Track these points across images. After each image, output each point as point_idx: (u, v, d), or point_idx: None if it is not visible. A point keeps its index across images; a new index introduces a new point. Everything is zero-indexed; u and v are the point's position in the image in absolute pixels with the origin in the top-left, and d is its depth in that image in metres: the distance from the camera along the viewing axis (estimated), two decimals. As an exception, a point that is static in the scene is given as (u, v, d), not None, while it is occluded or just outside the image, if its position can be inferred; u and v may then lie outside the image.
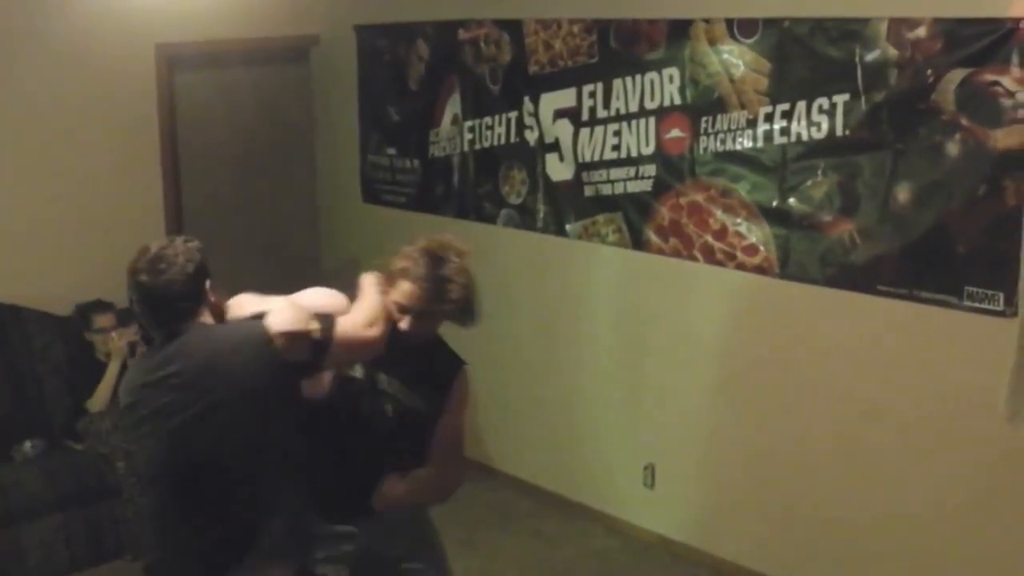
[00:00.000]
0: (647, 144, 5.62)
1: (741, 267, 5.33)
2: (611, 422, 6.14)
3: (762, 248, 5.22)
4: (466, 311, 3.70)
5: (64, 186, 6.66)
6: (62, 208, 6.66)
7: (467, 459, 4.02)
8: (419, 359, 3.71)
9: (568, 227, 6.13)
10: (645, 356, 5.91)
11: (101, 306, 6.43)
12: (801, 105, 4.97)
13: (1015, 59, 4.28)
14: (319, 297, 3.64)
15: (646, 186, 5.67)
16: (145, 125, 7.01)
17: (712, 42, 5.28)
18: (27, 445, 6.07)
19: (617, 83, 5.72)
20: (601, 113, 5.82)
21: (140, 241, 6.84)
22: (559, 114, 6.05)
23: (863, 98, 4.75)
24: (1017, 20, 4.26)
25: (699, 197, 5.44)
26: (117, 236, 6.85)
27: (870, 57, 4.71)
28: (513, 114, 6.31)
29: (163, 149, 7.12)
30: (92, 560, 5.75)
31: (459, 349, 3.94)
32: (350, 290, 3.64)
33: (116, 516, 5.79)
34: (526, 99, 6.22)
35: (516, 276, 6.53)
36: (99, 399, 6.07)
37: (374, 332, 3.47)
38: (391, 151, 7.22)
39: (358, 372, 3.67)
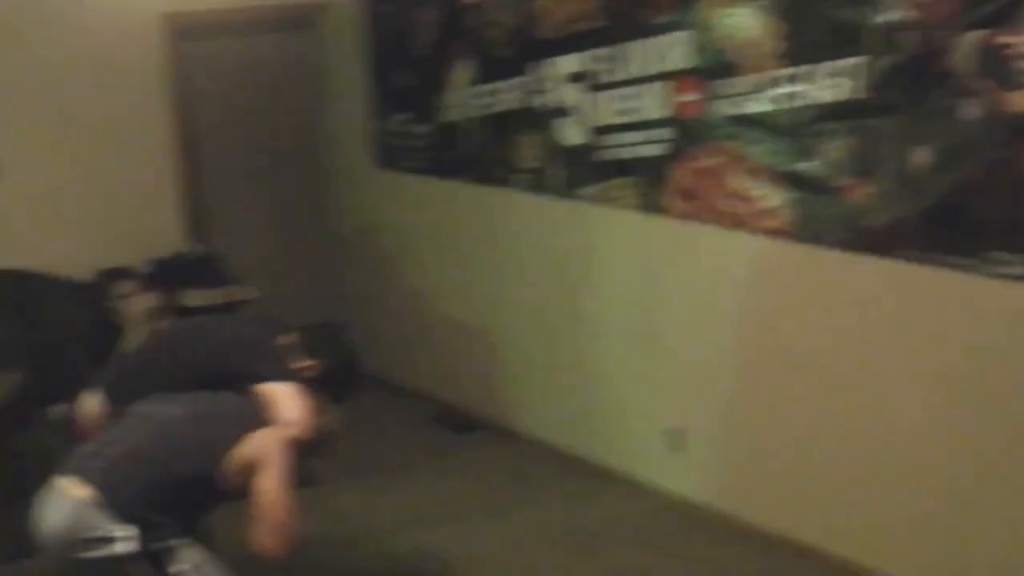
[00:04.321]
0: (661, 108, 5.58)
1: (757, 231, 5.31)
2: (632, 385, 6.15)
3: (778, 212, 5.19)
4: None
5: (82, 156, 6.80)
6: (81, 177, 6.80)
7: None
8: None
9: (582, 191, 6.10)
10: (662, 320, 5.90)
11: (122, 272, 6.51)
12: (816, 68, 4.92)
13: (1031, 21, 4.24)
14: None
15: (660, 150, 5.64)
16: (155, 95, 7.08)
17: (724, 4, 5.23)
18: (56, 409, 6.11)
19: (629, 47, 5.67)
20: (613, 77, 5.78)
21: (157, 208, 7.03)
22: (572, 78, 6.00)
23: (878, 61, 4.69)
24: (1033, -19, 4.22)
25: (714, 161, 5.41)
26: (135, 204, 6.96)
27: (885, 19, 4.65)
28: (524, 79, 6.27)
29: (173, 117, 7.14)
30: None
31: (479, 313, 3.97)
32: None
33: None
34: (537, 64, 6.18)
35: (531, 240, 6.53)
36: (120, 363, 6.10)
37: None
38: (402, 117, 7.20)
39: None
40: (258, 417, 3.99)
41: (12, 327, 6.35)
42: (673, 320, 5.84)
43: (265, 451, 3.84)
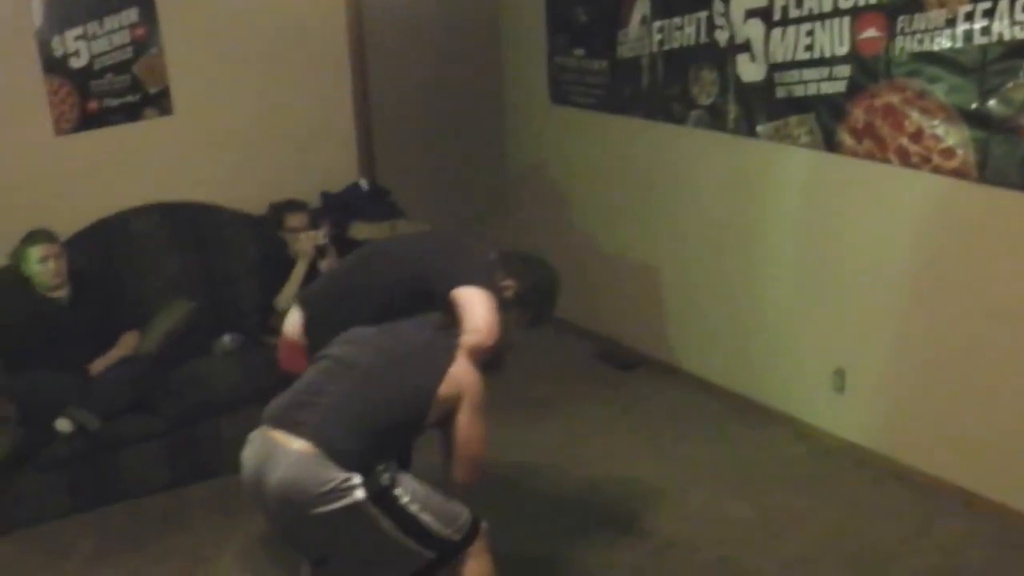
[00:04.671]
0: (841, 44, 5.47)
1: (937, 170, 5.17)
2: (800, 325, 6.09)
3: (959, 151, 5.06)
4: None
5: (257, 90, 6.87)
6: (256, 111, 6.88)
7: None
8: None
9: (759, 128, 6.03)
10: (836, 260, 5.81)
11: (294, 206, 6.60)
12: (1004, 3, 4.75)
13: None
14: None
15: (840, 87, 5.53)
16: (333, 29, 7.13)
17: (912, -63, 5.11)
18: (226, 338, 6.29)
19: (811, -19, 5.59)
20: (794, 12, 5.67)
21: (331, 143, 7.14)
22: (750, 14, 5.91)
23: (1072, -5, 4.55)
24: None
25: (894, 99, 5.29)
26: (309, 138, 7.06)
27: (1080, -49, 4.51)
28: (703, 14, 6.20)
29: (351, 52, 7.24)
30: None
31: (647, 250, 3.95)
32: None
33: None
34: (716, -2, 6.12)
35: (703, 178, 6.48)
36: (285, 297, 6.19)
37: None
38: (579, 52, 7.19)
39: None
40: (452, 349, 4.00)
41: (189, 259, 6.52)
42: (846, 261, 5.75)
43: (463, 387, 3.92)
